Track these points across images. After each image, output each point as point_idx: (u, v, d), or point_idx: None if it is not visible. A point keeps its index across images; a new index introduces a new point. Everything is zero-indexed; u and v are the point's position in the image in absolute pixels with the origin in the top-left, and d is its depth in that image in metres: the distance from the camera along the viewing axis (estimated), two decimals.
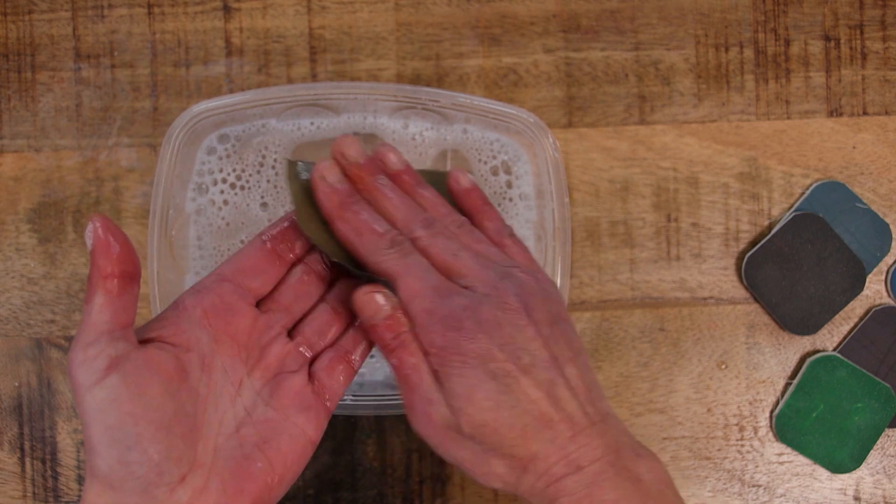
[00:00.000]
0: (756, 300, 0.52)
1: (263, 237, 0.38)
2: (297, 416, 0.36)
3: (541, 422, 0.33)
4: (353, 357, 0.38)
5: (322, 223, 0.37)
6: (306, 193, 0.38)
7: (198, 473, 0.32)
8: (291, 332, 0.38)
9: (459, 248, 0.36)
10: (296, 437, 0.36)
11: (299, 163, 0.38)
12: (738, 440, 0.52)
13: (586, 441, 0.33)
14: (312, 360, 0.38)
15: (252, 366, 0.36)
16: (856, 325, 0.52)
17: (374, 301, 0.35)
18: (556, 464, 0.33)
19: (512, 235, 0.39)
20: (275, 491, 0.35)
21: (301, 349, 0.37)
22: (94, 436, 0.30)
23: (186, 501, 0.31)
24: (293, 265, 0.38)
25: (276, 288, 0.38)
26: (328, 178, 0.37)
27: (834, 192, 0.52)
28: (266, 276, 0.37)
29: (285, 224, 0.38)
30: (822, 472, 0.52)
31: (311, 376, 0.37)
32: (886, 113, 0.53)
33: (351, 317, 0.39)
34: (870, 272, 0.52)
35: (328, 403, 0.37)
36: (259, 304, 0.37)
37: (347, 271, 0.38)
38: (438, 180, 0.41)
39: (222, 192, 0.50)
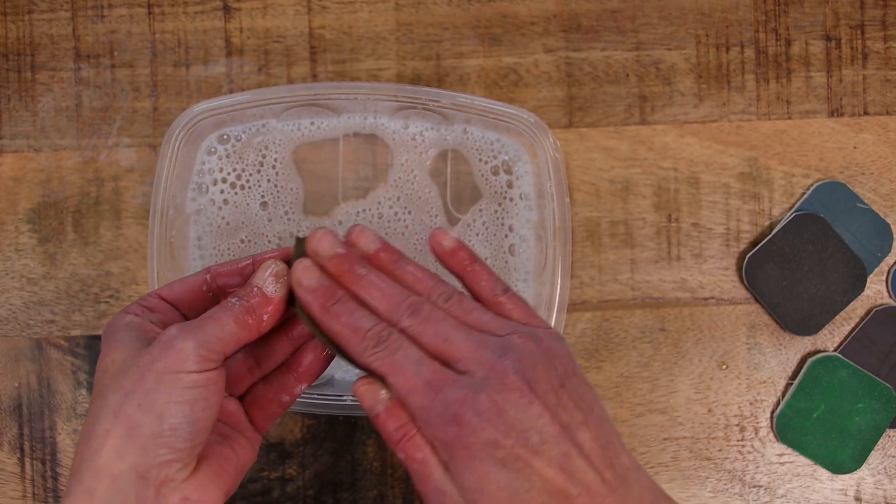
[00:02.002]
0: (757, 300, 0.52)
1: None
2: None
3: (559, 498, 0.32)
4: (282, 398, 0.38)
5: None
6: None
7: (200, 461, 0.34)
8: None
9: (451, 330, 0.35)
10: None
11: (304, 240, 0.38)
12: (738, 440, 0.52)
13: None
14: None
15: None
16: (857, 326, 0.52)
17: (372, 391, 0.35)
18: None
19: (506, 291, 0.37)
20: (239, 477, 0.36)
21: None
22: (167, 402, 0.32)
23: (188, 482, 0.33)
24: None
25: None
26: (304, 282, 0.36)
27: (835, 193, 0.52)
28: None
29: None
30: (823, 473, 0.52)
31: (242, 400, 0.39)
32: (887, 113, 0.53)
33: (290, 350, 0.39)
34: (871, 272, 0.52)
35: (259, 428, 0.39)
36: None
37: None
38: None
39: (222, 191, 0.50)
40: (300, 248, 0.37)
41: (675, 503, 0.35)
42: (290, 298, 0.36)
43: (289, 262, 0.37)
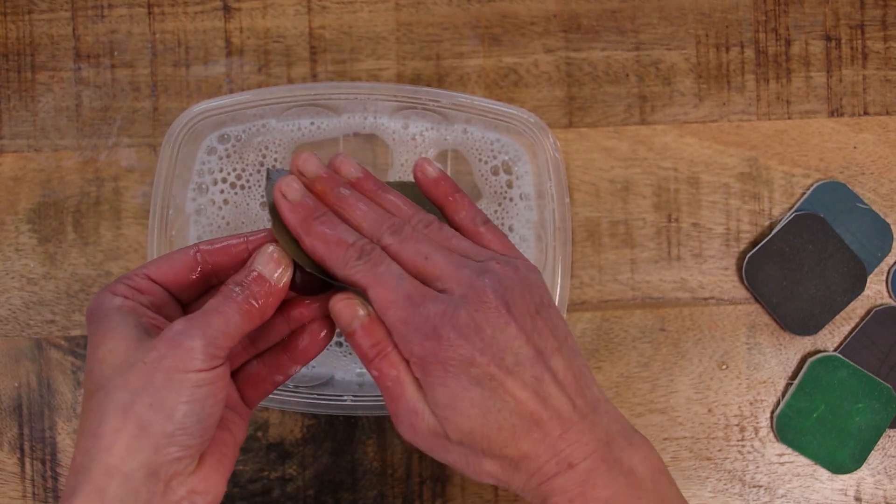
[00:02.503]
0: (757, 300, 0.52)
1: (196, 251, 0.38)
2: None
3: (529, 421, 0.33)
4: (276, 377, 0.38)
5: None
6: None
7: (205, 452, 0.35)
8: None
9: (431, 250, 0.35)
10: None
11: (275, 172, 0.38)
12: (738, 440, 0.52)
13: (577, 437, 0.33)
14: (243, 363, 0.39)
15: None
16: (857, 326, 0.52)
17: (350, 308, 0.35)
18: (547, 462, 0.33)
19: (486, 222, 0.38)
20: (236, 457, 0.37)
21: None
22: (178, 402, 0.32)
23: (195, 475, 0.33)
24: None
25: None
26: (289, 195, 0.36)
27: (835, 193, 0.52)
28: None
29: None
30: (823, 473, 0.52)
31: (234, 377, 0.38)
32: (887, 113, 0.53)
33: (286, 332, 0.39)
34: (871, 272, 0.52)
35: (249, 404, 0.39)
36: None
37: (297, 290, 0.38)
38: (408, 192, 0.39)
39: (222, 191, 0.50)
40: (272, 180, 0.37)
41: (643, 435, 0.35)
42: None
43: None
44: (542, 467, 0.33)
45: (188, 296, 0.37)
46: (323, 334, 0.38)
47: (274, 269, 0.35)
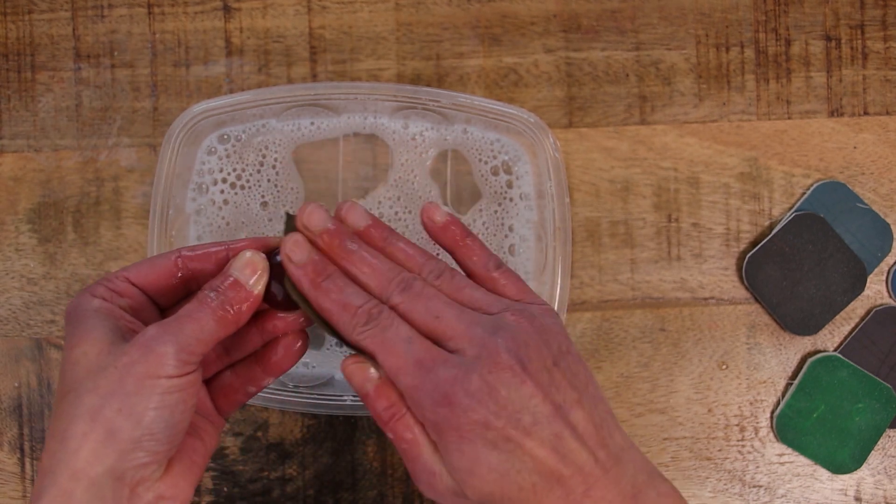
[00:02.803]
0: (757, 300, 0.52)
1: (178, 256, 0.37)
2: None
3: (551, 479, 0.32)
4: (248, 388, 0.38)
5: None
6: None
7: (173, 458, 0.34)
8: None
9: (443, 307, 0.34)
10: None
11: (293, 217, 0.37)
12: (738, 440, 0.52)
13: (601, 493, 0.32)
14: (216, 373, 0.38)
15: None
16: (857, 326, 0.52)
17: (361, 371, 0.34)
18: None
19: (499, 266, 0.37)
20: (206, 465, 0.36)
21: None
22: (147, 408, 0.31)
23: (162, 480, 0.33)
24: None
25: None
26: (294, 258, 0.35)
27: (835, 193, 0.52)
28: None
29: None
30: (823, 473, 0.52)
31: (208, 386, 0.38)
32: (887, 113, 0.53)
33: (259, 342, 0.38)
34: (871, 272, 0.52)
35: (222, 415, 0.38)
36: None
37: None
38: None
39: (222, 191, 0.50)
40: (290, 224, 0.36)
41: (670, 483, 0.34)
42: (266, 287, 0.36)
43: (269, 254, 0.36)
44: None
45: (167, 300, 0.37)
46: (297, 347, 0.37)
47: (250, 274, 0.35)
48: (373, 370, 0.34)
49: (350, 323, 0.34)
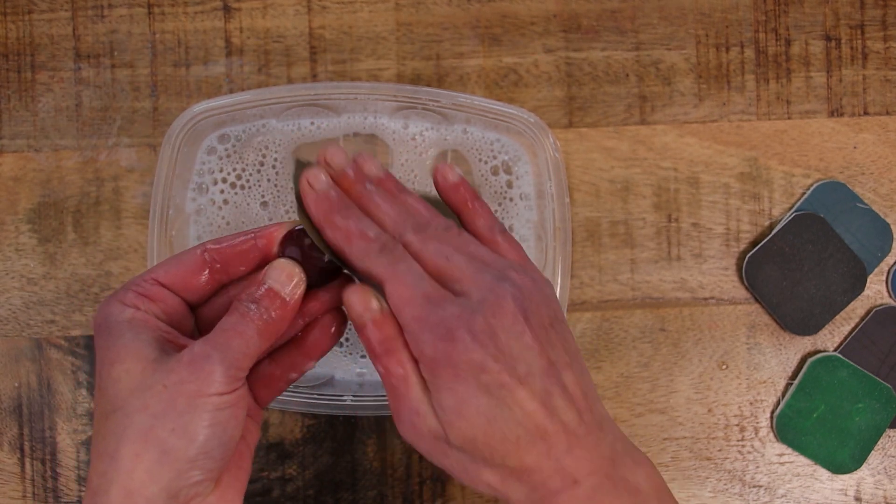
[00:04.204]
0: (757, 300, 0.52)
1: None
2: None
3: (535, 434, 0.32)
4: (290, 375, 0.38)
5: None
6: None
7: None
8: None
9: (453, 251, 0.35)
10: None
11: (304, 161, 0.38)
12: (738, 440, 0.52)
13: (582, 453, 0.33)
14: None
15: None
16: (857, 326, 0.52)
17: (364, 299, 0.34)
18: (550, 477, 0.32)
19: (503, 232, 0.38)
20: (250, 467, 0.36)
21: None
22: (201, 426, 0.32)
23: (213, 493, 0.33)
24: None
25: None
26: (315, 185, 0.36)
27: (835, 193, 0.52)
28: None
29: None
30: (823, 473, 0.52)
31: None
32: (887, 113, 0.53)
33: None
34: (871, 272, 0.52)
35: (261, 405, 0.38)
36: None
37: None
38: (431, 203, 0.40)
39: (222, 191, 0.50)
40: (300, 168, 0.37)
41: (645, 455, 0.35)
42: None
43: (295, 231, 0.36)
44: (545, 482, 0.33)
45: (198, 297, 0.37)
46: (334, 328, 0.38)
47: (287, 282, 0.35)
48: (374, 301, 0.34)
49: (364, 249, 0.34)
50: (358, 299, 0.34)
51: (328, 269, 0.36)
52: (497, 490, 0.33)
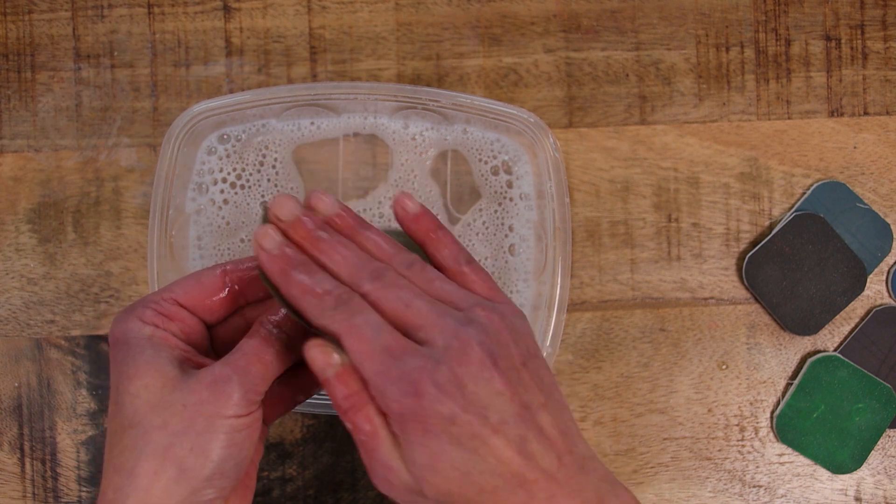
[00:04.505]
0: (757, 300, 0.52)
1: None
2: None
3: (514, 483, 0.31)
4: (297, 397, 0.38)
5: None
6: None
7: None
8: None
9: (413, 297, 0.33)
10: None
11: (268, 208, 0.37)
12: (738, 440, 0.52)
13: (565, 500, 0.31)
14: None
15: None
16: (857, 326, 0.52)
17: (324, 354, 0.33)
18: None
19: (470, 262, 0.36)
20: (255, 482, 0.37)
21: None
22: (218, 447, 0.32)
23: None
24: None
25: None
26: (265, 245, 0.34)
27: (835, 193, 0.52)
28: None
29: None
30: (823, 473, 0.52)
31: None
32: (887, 113, 0.53)
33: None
34: (871, 272, 0.52)
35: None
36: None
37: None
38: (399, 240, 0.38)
39: (222, 191, 0.50)
40: (266, 214, 0.36)
41: (630, 492, 0.34)
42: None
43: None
44: None
45: (215, 318, 0.37)
46: None
47: None
48: (336, 356, 0.33)
49: (318, 307, 0.33)
50: (318, 353, 0.33)
51: None
52: None
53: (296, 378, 0.37)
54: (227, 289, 0.36)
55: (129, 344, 0.33)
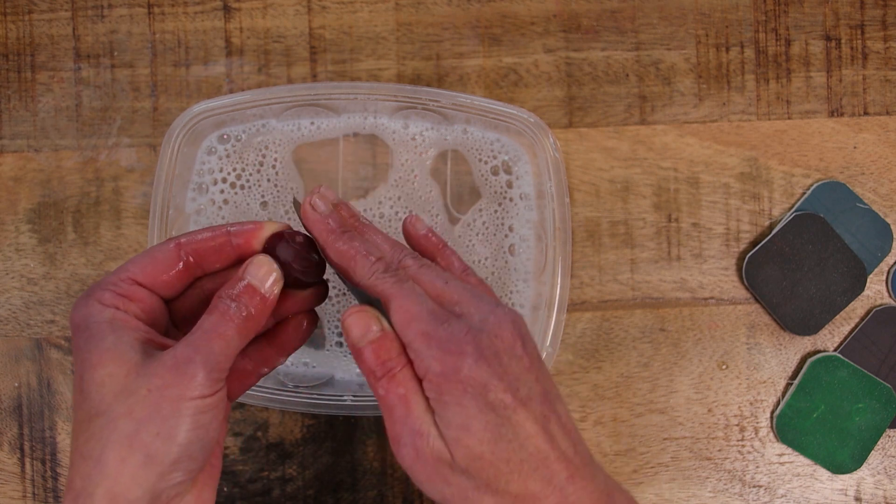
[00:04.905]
0: (757, 300, 0.52)
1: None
2: None
3: (537, 458, 0.32)
4: (261, 370, 0.38)
5: None
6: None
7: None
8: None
9: (449, 278, 0.35)
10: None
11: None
12: (738, 440, 0.52)
13: (583, 484, 0.33)
14: None
15: None
16: (857, 326, 0.52)
17: (364, 320, 0.34)
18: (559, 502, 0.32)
19: (474, 275, 0.39)
20: (221, 463, 0.37)
21: None
22: (184, 429, 0.32)
23: (190, 492, 0.34)
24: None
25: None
26: (318, 207, 0.37)
27: (835, 192, 0.52)
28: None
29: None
30: (823, 473, 0.52)
31: None
32: (887, 113, 0.53)
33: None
34: (871, 272, 0.52)
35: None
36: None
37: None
38: None
39: (222, 191, 0.50)
40: (299, 207, 0.38)
41: (629, 493, 0.35)
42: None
43: (274, 237, 0.37)
44: None
45: (172, 293, 0.37)
46: (305, 326, 0.39)
47: (265, 279, 0.35)
48: (374, 324, 0.34)
49: (370, 268, 0.35)
50: (358, 320, 0.34)
51: (313, 272, 0.37)
52: None
53: (259, 351, 0.38)
54: (181, 262, 0.36)
55: (90, 329, 0.33)
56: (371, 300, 0.36)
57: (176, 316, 0.38)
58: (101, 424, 0.32)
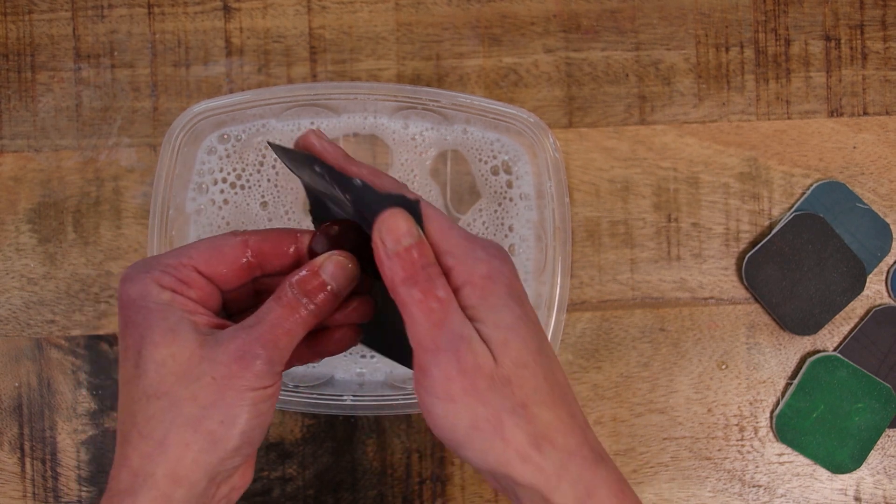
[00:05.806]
0: (756, 300, 0.52)
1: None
2: None
3: (564, 387, 0.33)
4: (293, 364, 0.38)
5: (308, 172, 0.38)
6: (293, 159, 0.38)
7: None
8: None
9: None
10: None
11: (276, 146, 0.39)
12: (738, 440, 0.52)
13: (599, 433, 0.34)
14: None
15: None
16: (856, 326, 0.52)
17: (407, 221, 0.33)
18: (581, 446, 0.32)
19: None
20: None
21: None
22: (246, 417, 0.33)
23: (237, 472, 0.35)
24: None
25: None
26: (322, 141, 0.37)
27: (834, 193, 0.52)
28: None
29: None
30: (823, 473, 0.52)
31: None
32: (887, 113, 0.53)
33: None
34: (870, 272, 0.52)
35: None
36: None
37: None
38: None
39: (222, 191, 0.50)
40: (278, 150, 0.38)
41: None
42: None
43: (315, 244, 0.36)
44: (574, 453, 0.31)
45: (230, 287, 0.36)
46: (350, 336, 0.38)
47: (340, 278, 0.35)
48: (414, 228, 0.33)
49: (399, 189, 0.35)
50: (402, 219, 0.33)
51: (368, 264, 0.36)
52: (524, 454, 0.31)
53: (314, 340, 0.38)
54: (244, 258, 0.36)
55: (148, 308, 0.33)
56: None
57: (227, 304, 0.38)
58: (163, 407, 0.32)
